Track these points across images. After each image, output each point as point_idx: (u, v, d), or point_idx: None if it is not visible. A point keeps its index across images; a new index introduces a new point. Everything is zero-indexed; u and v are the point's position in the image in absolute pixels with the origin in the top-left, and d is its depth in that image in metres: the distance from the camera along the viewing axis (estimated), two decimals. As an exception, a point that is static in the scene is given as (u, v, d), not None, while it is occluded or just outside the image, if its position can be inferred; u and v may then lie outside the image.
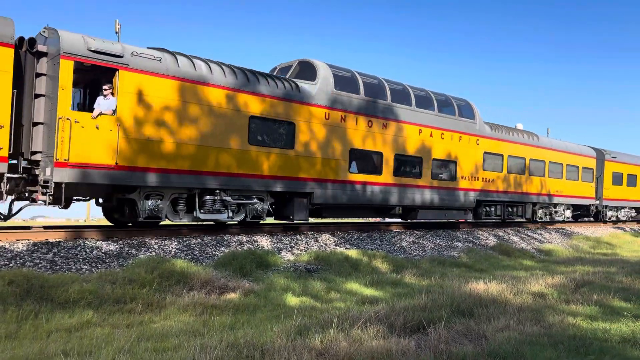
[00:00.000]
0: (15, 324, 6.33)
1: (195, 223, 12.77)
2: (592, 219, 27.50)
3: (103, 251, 9.64)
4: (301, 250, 12.07)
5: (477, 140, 18.31)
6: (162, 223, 12.25)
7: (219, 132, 11.56)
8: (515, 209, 20.45)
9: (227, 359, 4.78)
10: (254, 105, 12.18)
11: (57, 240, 9.82)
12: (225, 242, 11.50)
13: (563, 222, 24.12)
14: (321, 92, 13.63)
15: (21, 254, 8.75)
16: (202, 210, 11.57)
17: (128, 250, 9.94)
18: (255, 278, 9.70)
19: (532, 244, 18.26)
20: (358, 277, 10.52)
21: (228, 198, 11.86)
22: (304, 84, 13.54)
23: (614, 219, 27.97)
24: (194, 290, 8.39)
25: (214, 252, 10.81)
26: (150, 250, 10.16)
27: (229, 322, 6.72)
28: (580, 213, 26.26)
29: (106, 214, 12.24)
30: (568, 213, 23.92)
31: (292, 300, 8.48)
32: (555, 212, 23.02)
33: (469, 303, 7.09)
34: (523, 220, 21.66)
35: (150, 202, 10.87)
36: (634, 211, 30.09)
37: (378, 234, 15.13)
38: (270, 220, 15.98)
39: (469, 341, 5.58)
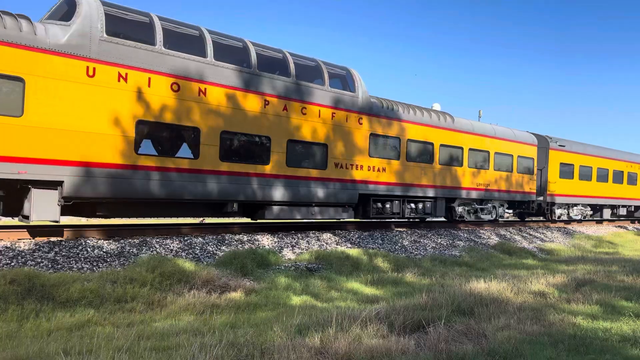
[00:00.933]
0: (16, 323, 6.36)
1: (196, 222, 12.68)
2: (541, 217, 23.79)
3: (104, 250, 9.67)
4: (302, 249, 12.08)
5: (360, 118, 14.32)
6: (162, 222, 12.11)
7: None
8: (421, 206, 16.58)
9: (227, 357, 4.79)
10: None
11: (59, 239, 9.85)
12: (226, 241, 11.52)
13: (494, 221, 20.24)
14: (79, 36, 9.52)
15: (23, 253, 8.78)
16: None
17: (129, 249, 9.97)
18: (256, 277, 9.72)
19: (534, 243, 18.23)
20: (359, 276, 10.53)
21: None
22: (48, 25, 9.55)
23: (564, 217, 23.73)
24: (195, 289, 8.41)
25: (215, 251, 10.83)
26: (151, 249, 10.18)
27: (229, 321, 6.73)
28: (523, 211, 22.54)
29: None
30: (502, 211, 20.04)
31: (292, 299, 8.49)
32: (482, 209, 19.16)
33: (469, 302, 7.09)
34: (441, 218, 18.44)
35: None
36: (589, 209, 25.47)
37: (379, 232, 15.12)
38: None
39: (469, 340, 5.57)
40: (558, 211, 23.25)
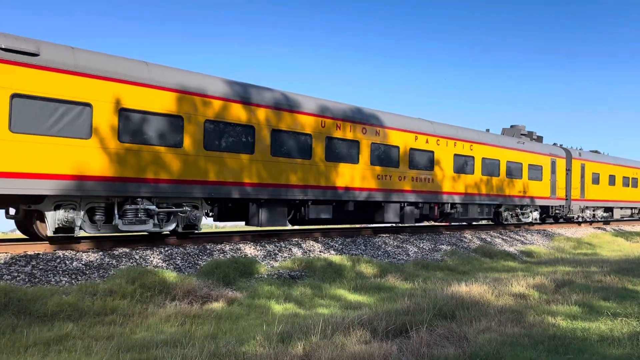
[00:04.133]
0: (-9, 339, 6.20)
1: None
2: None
3: (83, 262, 9.50)
4: (285, 257, 12.04)
5: None
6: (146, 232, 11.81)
7: None
8: None
9: (208, 368, 4.74)
10: None
11: (36, 252, 9.65)
12: (208, 251, 11.42)
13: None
14: None
15: (-2, 268, 8.58)
16: None
17: (109, 261, 9.81)
18: (239, 286, 9.65)
19: (514, 246, 18.45)
20: (342, 282, 10.52)
21: None
22: None
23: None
24: (176, 300, 8.31)
25: (197, 262, 10.73)
26: (131, 260, 10.03)
27: (211, 331, 6.66)
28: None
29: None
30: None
31: (275, 307, 8.44)
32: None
33: (451, 306, 7.13)
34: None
35: None
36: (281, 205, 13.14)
37: (362, 239, 15.15)
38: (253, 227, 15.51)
39: (451, 343, 5.61)
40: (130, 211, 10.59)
